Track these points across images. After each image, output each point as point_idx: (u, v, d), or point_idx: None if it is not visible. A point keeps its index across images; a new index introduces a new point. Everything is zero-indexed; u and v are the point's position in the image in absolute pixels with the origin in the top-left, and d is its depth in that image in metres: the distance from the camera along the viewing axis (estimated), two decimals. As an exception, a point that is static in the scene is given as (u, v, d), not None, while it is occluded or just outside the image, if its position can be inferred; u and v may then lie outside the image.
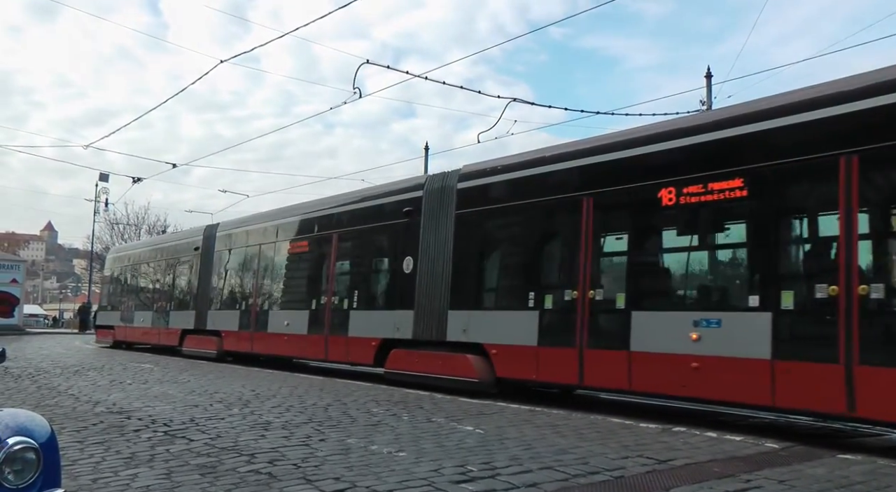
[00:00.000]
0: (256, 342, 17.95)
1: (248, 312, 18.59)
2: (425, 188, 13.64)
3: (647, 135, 10.23)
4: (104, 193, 47.05)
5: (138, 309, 25.95)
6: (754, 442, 7.50)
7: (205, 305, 20.70)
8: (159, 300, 24.31)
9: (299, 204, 18.66)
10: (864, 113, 7.71)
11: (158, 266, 24.78)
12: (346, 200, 16.38)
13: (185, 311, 21.83)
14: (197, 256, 21.61)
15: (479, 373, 11.67)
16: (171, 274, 23.59)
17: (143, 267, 26.53)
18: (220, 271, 20.48)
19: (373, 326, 14.28)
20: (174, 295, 23.29)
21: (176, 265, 23.34)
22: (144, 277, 26.35)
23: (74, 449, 6.39)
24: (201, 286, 21.15)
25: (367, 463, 6.00)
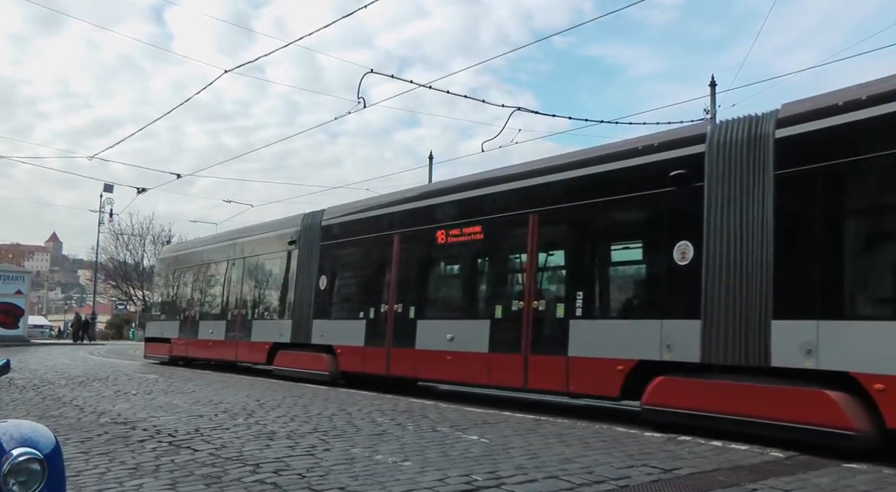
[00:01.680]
0: (400, 361, 13.69)
1: (380, 321, 14.26)
2: (713, 139, 9.40)
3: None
4: (109, 204, 47.32)
5: (205, 318, 21.91)
6: (759, 451, 7.48)
7: (306, 313, 16.50)
8: (236, 307, 20.08)
9: (466, 176, 14.05)
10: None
11: (234, 266, 20.67)
12: (568, 162, 11.58)
13: (277, 320, 17.98)
14: (293, 252, 17.62)
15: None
16: (254, 275, 19.72)
17: (211, 267, 22.30)
18: (332, 270, 16.22)
19: (614, 340, 10.10)
20: (259, 301, 19.59)
21: (261, 264, 19.46)
22: (213, 279, 22.14)
23: (79, 460, 6.39)
24: (300, 289, 16.97)
25: (371, 473, 6.00)
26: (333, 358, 15.43)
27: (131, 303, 64.12)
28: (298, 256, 17.21)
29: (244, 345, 19.07)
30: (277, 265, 18.58)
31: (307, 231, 17.10)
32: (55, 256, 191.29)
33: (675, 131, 10.75)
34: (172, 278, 25.23)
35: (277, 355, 17.49)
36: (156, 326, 25.84)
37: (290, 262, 17.69)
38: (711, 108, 21.43)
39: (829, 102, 8.35)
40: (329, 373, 15.40)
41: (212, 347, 20.87)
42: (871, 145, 7.90)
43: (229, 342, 19.78)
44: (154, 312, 26.95)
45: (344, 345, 15.20)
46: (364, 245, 15.39)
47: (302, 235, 17.26)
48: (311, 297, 16.34)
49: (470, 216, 12.79)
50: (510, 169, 12.74)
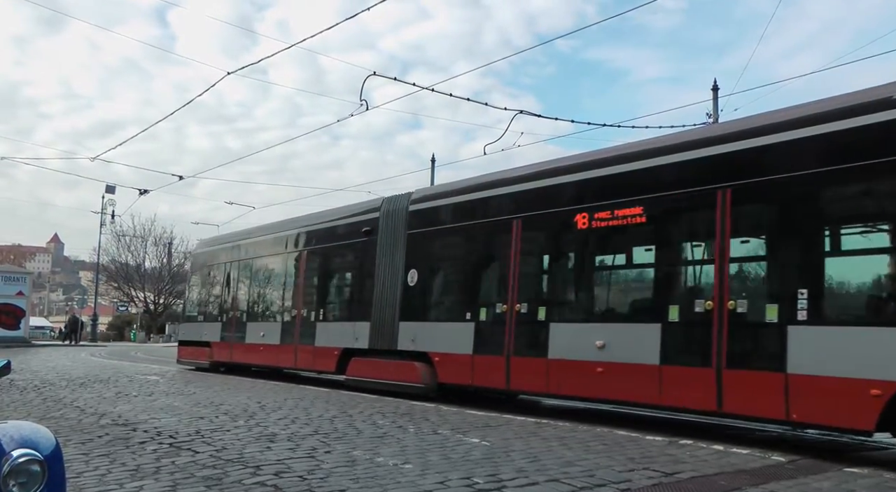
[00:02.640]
0: (524, 373, 11.27)
1: (496, 324, 11.78)
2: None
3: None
4: (111, 205, 47.26)
5: (254, 319, 19.27)
6: (761, 455, 7.47)
7: (389, 314, 14.00)
8: (295, 307, 17.29)
9: (620, 146, 11.74)
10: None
11: (292, 260, 18.00)
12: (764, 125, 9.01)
13: (350, 322, 15.23)
14: (369, 243, 14.87)
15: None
16: (318, 270, 17.26)
17: (261, 262, 19.43)
18: (425, 262, 13.62)
19: (862, 355, 7.52)
20: (326, 299, 16.90)
21: (327, 257, 16.98)
22: (265, 275, 19.36)
23: (80, 461, 6.39)
24: (380, 286, 14.32)
25: (372, 475, 5.99)
26: (429, 368, 12.82)
27: (133, 304, 64.15)
28: (378, 247, 14.51)
29: (306, 350, 16.38)
30: (348, 258, 16.28)
31: (389, 218, 14.44)
32: (56, 257, 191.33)
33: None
34: (212, 275, 22.15)
35: (352, 364, 14.79)
36: (192, 328, 22.79)
37: (365, 254, 15.02)
38: (714, 112, 21.41)
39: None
40: (423, 385, 12.79)
41: (263, 353, 18.20)
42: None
43: (286, 347, 17.13)
44: (189, 312, 23.87)
45: (444, 352, 12.62)
46: (470, 233, 12.84)
47: (382, 223, 14.58)
48: (397, 295, 13.82)
49: (626, 195, 10.22)
50: (696, 133, 10.71)
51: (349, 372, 14.84)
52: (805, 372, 7.85)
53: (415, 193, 14.39)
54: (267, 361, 18.32)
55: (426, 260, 13.65)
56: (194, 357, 21.84)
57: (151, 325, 59.05)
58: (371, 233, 14.86)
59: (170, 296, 63.35)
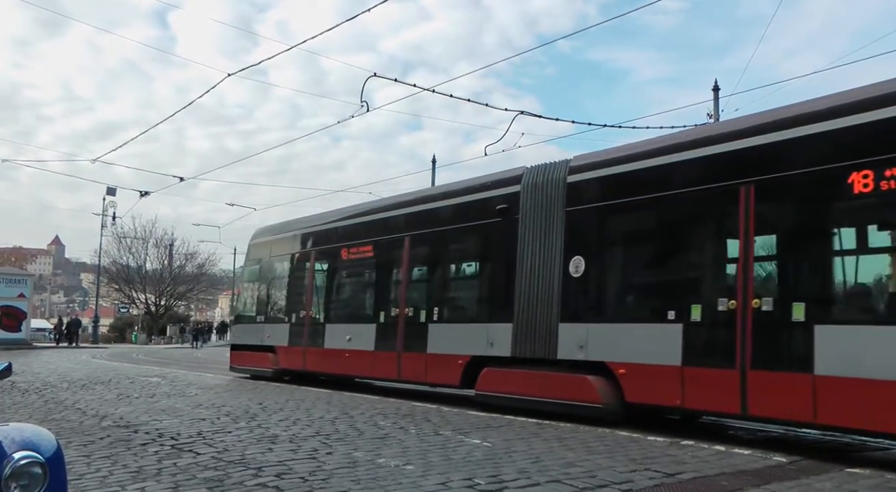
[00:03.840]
0: (766, 392, 8.30)
1: (720, 326, 8.98)
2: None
3: None
4: (111, 207, 47.22)
5: (337, 320, 16.09)
6: (762, 456, 7.47)
7: (544, 313, 11.05)
8: (397, 306, 14.14)
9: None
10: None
11: (391, 248, 14.67)
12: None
13: (483, 323, 12.19)
14: (505, 224, 11.92)
15: None
16: (431, 259, 14.05)
17: (347, 252, 16.02)
18: (597, 247, 10.85)
19: None
20: (442, 295, 13.68)
21: (442, 243, 13.64)
22: (352, 266, 16.21)
23: (81, 463, 6.39)
24: (526, 278, 11.41)
25: (374, 476, 5.99)
26: (609, 383, 10.02)
27: (134, 306, 64.17)
28: (521, 230, 11.58)
29: (414, 359, 13.30)
30: (474, 244, 13.13)
31: (536, 192, 11.54)
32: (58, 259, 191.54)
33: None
34: (276, 268, 18.81)
35: (484, 376, 11.86)
36: (249, 330, 19.42)
37: (499, 238, 12.08)
38: (715, 112, 21.39)
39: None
40: (602, 406, 9.95)
41: (350, 360, 14.99)
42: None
43: (385, 355, 14.01)
44: (245, 312, 20.51)
45: (633, 363, 9.74)
46: (673, 206, 9.80)
47: (526, 199, 11.66)
48: (554, 289, 10.97)
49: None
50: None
51: (481, 386, 11.84)
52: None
53: (575, 160, 11.46)
54: (355, 371, 15.27)
55: (599, 244, 10.84)
56: (252, 364, 18.60)
57: (153, 326, 59.03)
58: (508, 212, 11.87)
59: (171, 298, 63.40)
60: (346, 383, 15.91)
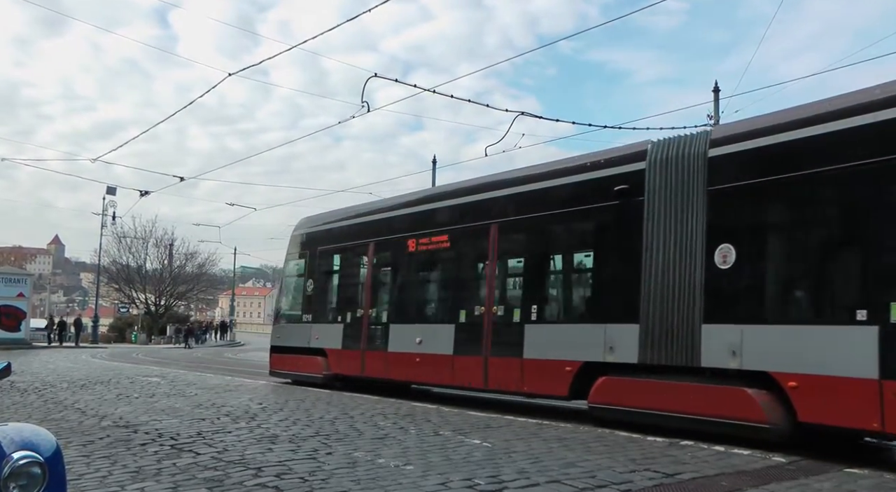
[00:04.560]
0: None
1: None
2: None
3: None
4: (111, 207, 47.22)
5: (405, 319, 14.07)
6: (762, 456, 7.47)
7: (683, 312, 9.28)
8: (483, 302, 12.25)
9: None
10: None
11: (475, 236, 12.77)
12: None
13: (599, 324, 10.30)
14: (629, 208, 10.14)
15: None
16: (527, 248, 12.23)
17: (417, 241, 13.90)
18: (754, 234, 9.14)
19: None
20: (544, 291, 11.96)
21: (543, 230, 11.74)
22: (424, 258, 14.04)
23: (81, 463, 6.39)
24: (659, 270, 9.59)
25: (374, 477, 5.99)
26: (775, 398, 8.29)
27: (133, 306, 64.18)
28: (648, 214, 9.84)
29: (506, 365, 11.45)
30: (584, 231, 11.35)
31: (667, 170, 9.77)
32: (57, 258, 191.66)
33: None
34: (325, 261, 16.80)
35: (600, 385, 10.03)
36: (294, 331, 17.17)
37: (619, 224, 10.36)
38: (715, 113, 21.39)
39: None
40: (768, 426, 8.21)
41: (423, 366, 13.08)
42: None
43: (467, 360, 12.16)
44: (288, 310, 18.23)
45: (810, 374, 7.95)
46: (853, 180, 8.01)
47: (654, 178, 9.90)
48: (695, 283, 9.21)
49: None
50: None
51: (597, 397, 10.05)
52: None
53: (717, 131, 10.08)
54: (429, 378, 13.43)
55: (756, 229, 9.12)
56: (297, 368, 16.62)
57: (152, 326, 59.03)
58: (630, 193, 10.13)
59: (171, 297, 63.41)
60: (406, 391, 14.36)
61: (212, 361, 29.09)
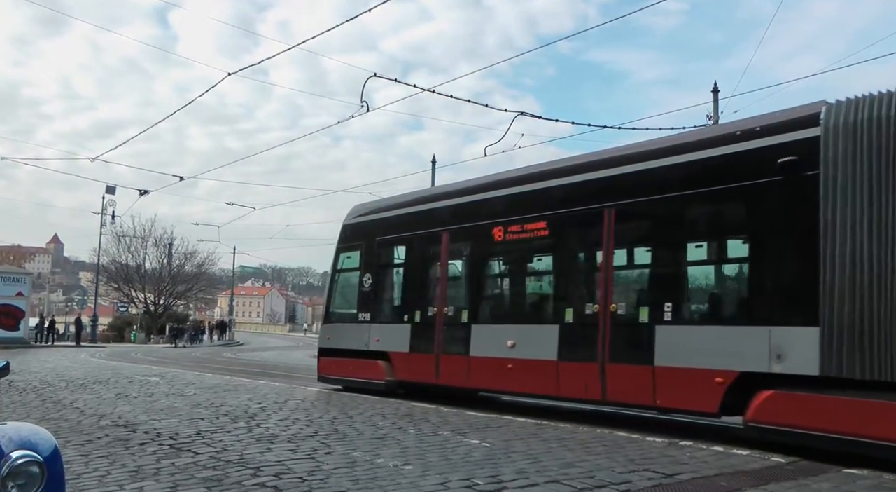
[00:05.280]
0: None
1: None
2: None
3: None
4: (111, 206, 47.25)
5: (488, 319, 12.24)
6: (761, 456, 7.47)
7: (881, 313, 7.49)
8: (597, 299, 10.38)
9: None
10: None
11: (583, 222, 10.92)
12: None
13: (762, 326, 8.48)
14: (798, 185, 8.42)
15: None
16: (655, 236, 10.35)
17: (505, 228, 11.97)
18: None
19: None
20: (682, 286, 9.91)
21: (676, 213, 9.84)
22: (515, 248, 12.07)
23: (79, 463, 6.39)
24: (847, 261, 7.83)
25: (372, 476, 5.99)
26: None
27: (133, 305, 64.19)
28: (825, 191, 8.03)
29: (632, 374, 9.57)
30: (731, 214, 9.58)
31: (852, 137, 7.97)
32: (56, 257, 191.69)
33: None
34: (387, 253, 14.89)
35: (767, 400, 8.19)
36: (348, 331, 15.09)
37: (781, 203, 8.58)
38: (714, 114, 21.41)
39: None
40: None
41: (517, 373, 11.13)
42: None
43: (574, 366, 10.34)
44: (339, 308, 16.26)
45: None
46: None
47: (832, 148, 8.08)
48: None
49: None
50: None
51: (761, 415, 8.23)
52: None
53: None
54: (526, 387, 11.35)
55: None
56: (352, 373, 14.74)
57: (151, 326, 59.03)
58: (798, 166, 8.36)
59: (170, 297, 63.39)
60: (490, 402, 12.83)
61: (211, 361, 29.08)
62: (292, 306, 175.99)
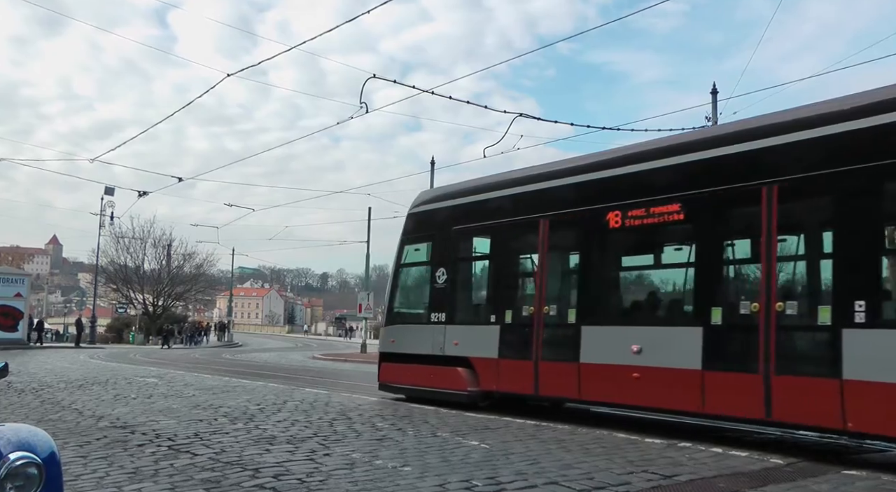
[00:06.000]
0: None
1: None
2: None
3: None
4: (110, 207, 47.31)
5: (602, 320, 10.39)
6: (759, 458, 7.47)
7: None
8: (754, 297, 8.51)
9: None
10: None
11: (722, 204, 9.18)
12: None
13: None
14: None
15: None
16: (831, 220, 8.35)
17: (622, 215, 10.14)
18: None
19: None
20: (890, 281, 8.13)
21: (869, 191, 7.76)
22: (631, 237, 10.45)
23: (78, 464, 6.38)
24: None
25: (372, 478, 5.99)
26: None
27: (131, 306, 64.17)
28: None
29: (811, 387, 7.80)
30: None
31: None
32: (55, 258, 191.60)
33: None
34: (465, 244, 13.07)
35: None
36: (419, 333, 13.12)
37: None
38: (713, 115, 21.42)
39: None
40: None
41: (645, 384, 9.28)
42: None
43: (726, 376, 8.56)
44: (407, 307, 14.55)
45: None
46: None
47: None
48: None
49: None
50: None
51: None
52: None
53: None
54: (659, 401, 9.37)
55: None
56: (424, 381, 12.71)
57: (150, 327, 59.01)
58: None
59: (169, 298, 63.35)
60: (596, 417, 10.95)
61: (209, 362, 29.06)
62: (291, 307, 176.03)
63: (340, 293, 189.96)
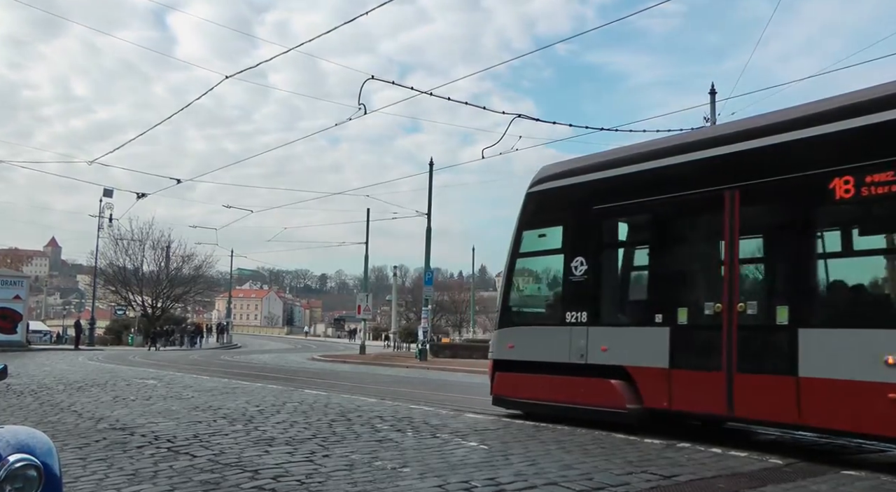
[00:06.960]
0: None
1: None
2: None
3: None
4: (108, 209, 47.36)
5: (824, 321, 7.84)
6: (758, 458, 7.47)
7: None
8: None
9: None
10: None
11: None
12: None
13: None
14: None
15: None
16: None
17: (848, 182, 7.43)
18: None
19: None
20: None
21: None
22: (865, 210, 7.80)
23: (77, 466, 6.38)
24: None
25: (371, 479, 5.98)
26: None
27: (130, 308, 64.14)
28: None
29: None
30: None
31: None
32: (54, 260, 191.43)
33: None
34: (610, 228, 10.76)
35: None
36: (548, 337, 10.81)
37: None
38: (711, 116, 21.49)
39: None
40: None
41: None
42: None
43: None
44: (531, 306, 12.39)
45: None
46: None
47: None
48: None
49: None
50: None
51: None
52: None
53: None
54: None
55: None
56: (559, 395, 10.37)
57: (149, 329, 59.00)
58: None
59: (168, 300, 63.31)
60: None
61: (208, 364, 29.05)
62: (290, 309, 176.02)
63: (339, 295, 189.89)
